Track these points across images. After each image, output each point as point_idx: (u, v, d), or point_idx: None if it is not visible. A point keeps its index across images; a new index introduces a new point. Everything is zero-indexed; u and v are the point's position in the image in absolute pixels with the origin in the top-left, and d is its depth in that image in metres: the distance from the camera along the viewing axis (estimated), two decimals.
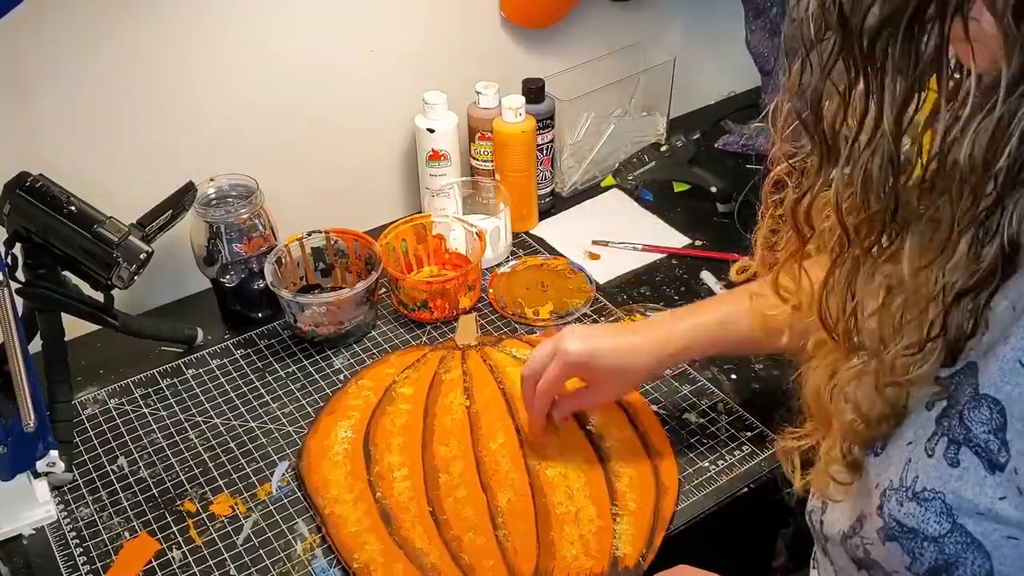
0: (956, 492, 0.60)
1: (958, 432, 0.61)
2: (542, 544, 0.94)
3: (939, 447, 0.62)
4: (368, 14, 1.27)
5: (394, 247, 1.25)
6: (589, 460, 1.02)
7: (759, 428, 1.06)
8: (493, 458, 1.02)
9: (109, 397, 1.14)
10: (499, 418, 1.07)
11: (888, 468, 0.66)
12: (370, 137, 1.36)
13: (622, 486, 0.99)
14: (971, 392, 0.60)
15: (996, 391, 0.59)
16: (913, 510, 0.62)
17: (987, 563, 0.59)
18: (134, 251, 1.01)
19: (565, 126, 1.43)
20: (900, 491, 0.63)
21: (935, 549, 0.61)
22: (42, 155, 1.10)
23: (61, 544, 0.97)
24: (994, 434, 0.58)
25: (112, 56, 1.12)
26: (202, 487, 1.02)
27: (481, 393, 1.10)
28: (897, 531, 0.63)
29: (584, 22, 1.46)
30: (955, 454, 0.61)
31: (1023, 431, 0.57)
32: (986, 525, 0.59)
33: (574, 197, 1.46)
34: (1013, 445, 0.57)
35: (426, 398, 1.09)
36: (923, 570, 0.62)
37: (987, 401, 0.59)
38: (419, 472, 1.01)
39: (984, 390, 0.60)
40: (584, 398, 1.02)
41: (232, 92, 1.22)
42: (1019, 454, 0.57)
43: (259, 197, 1.17)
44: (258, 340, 1.21)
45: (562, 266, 1.31)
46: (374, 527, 0.95)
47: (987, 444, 0.59)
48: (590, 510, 0.97)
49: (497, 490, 0.99)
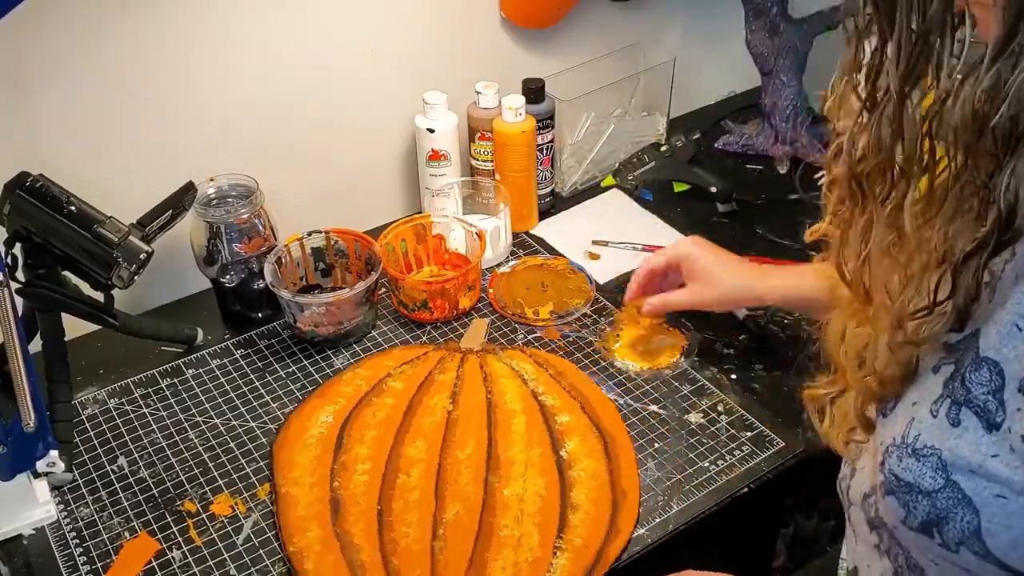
0: (952, 449, 0.63)
1: (960, 393, 0.63)
2: (474, 563, 0.92)
3: (943, 408, 0.65)
4: (368, 14, 1.27)
5: (394, 247, 1.25)
6: (550, 487, 0.99)
7: (759, 428, 1.06)
8: (456, 467, 1.01)
9: (109, 397, 1.14)
10: (476, 428, 1.06)
11: (893, 427, 0.69)
12: (370, 137, 1.36)
13: (575, 520, 0.96)
14: (973, 356, 0.63)
15: (995, 353, 0.62)
16: (911, 465, 0.65)
17: (975, 519, 0.62)
18: (134, 251, 1.01)
19: (565, 126, 1.43)
20: (901, 447, 0.66)
21: (928, 503, 0.64)
22: (42, 155, 1.10)
23: (61, 544, 0.97)
24: (993, 395, 0.61)
25: (112, 56, 1.12)
26: (202, 487, 1.02)
27: (467, 399, 1.09)
28: (895, 485, 0.66)
29: (584, 22, 1.46)
30: (956, 414, 0.63)
31: (1016, 391, 0.60)
32: (977, 482, 0.61)
33: (574, 197, 1.46)
34: (1008, 405, 0.60)
35: (413, 396, 1.09)
36: (916, 523, 0.65)
37: (987, 363, 0.62)
38: (380, 469, 1.01)
39: (984, 353, 0.63)
40: (673, 294, 1.12)
41: (232, 92, 1.22)
42: (1013, 413, 0.60)
43: (259, 197, 1.17)
44: (258, 340, 1.21)
45: (562, 266, 1.31)
46: (320, 515, 0.96)
47: (986, 404, 0.61)
48: (533, 538, 0.94)
49: (448, 501, 0.98)
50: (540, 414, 1.07)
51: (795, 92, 1.47)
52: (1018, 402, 0.60)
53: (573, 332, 1.20)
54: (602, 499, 0.98)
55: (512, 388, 1.11)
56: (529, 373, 1.13)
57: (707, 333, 1.19)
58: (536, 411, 1.08)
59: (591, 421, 1.06)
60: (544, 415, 1.07)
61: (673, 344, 1.17)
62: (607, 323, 1.21)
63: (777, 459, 1.03)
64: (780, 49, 1.44)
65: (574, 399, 1.09)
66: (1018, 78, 0.53)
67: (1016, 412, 0.60)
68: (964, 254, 0.61)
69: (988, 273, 0.63)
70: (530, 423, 1.06)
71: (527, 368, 1.14)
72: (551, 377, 1.12)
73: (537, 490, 0.99)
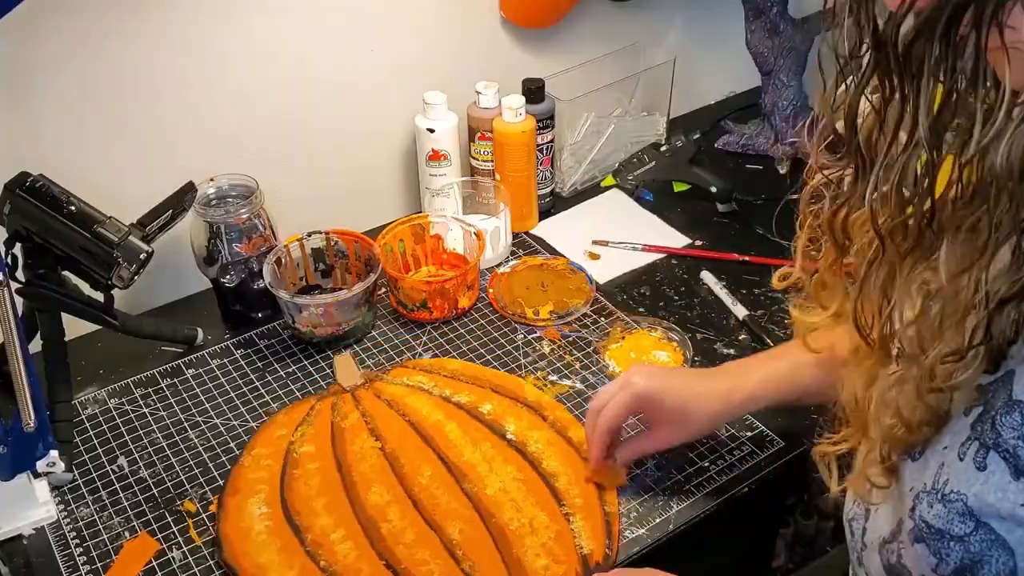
0: (978, 495, 0.61)
1: (989, 437, 0.61)
2: (510, 565, 0.92)
3: (970, 451, 0.63)
4: (368, 14, 1.27)
5: (392, 248, 1.25)
6: (522, 469, 1.00)
7: (759, 428, 1.06)
8: (427, 492, 0.98)
9: (109, 397, 1.14)
10: (418, 451, 1.03)
11: (924, 472, 0.67)
12: (370, 137, 1.36)
13: (562, 485, 0.99)
14: (1005, 398, 0.61)
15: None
16: (940, 511, 0.63)
17: (1011, 560, 0.60)
18: (134, 251, 1.01)
19: (565, 126, 1.43)
20: (931, 493, 0.64)
21: (961, 548, 0.62)
22: (42, 155, 1.10)
23: (61, 544, 0.97)
24: (1022, 439, 0.59)
25: (112, 56, 1.12)
26: (202, 487, 1.02)
27: (389, 431, 1.05)
28: (925, 532, 0.64)
29: (584, 22, 1.46)
30: (984, 458, 0.61)
31: None
32: (1009, 525, 0.60)
33: (574, 197, 1.46)
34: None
35: (332, 451, 1.03)
36: (949, 571, 0.63)
37: (1020, 407, 0.60)
38: (356, 528, 0.95)
39: (1017, 396, 0.60)
40: (646, 440, 0.98)
41: (233, 92, 1.22)
42: None
43: (259, 197, 1.17)
44: (258, 340, 1.21)
45: (562, 266, 1.31)
46: None
47: (1015, 450, 0.59)
48: (542, 517, 0.95)
49: (445, 523, 0.95)
50: (464, 413, 1.07)
51: (795, 92, 1.47)
52: None
53: (573, 332, 1.20)
54: (570, 458, 1.02)
55: (422, 402, 1.09)
56: (426, 383, 1.12)
57: (707, 333, 1.19)
58: (459, 412, 1.07)
59: (511, 399, 1.09)
60: (468, 413, 1.07)
61: (671, 358, 1.16)
62: (607, 324, 1.21)
63: (777, 459, 1.03)
64: (780, 49, 1.44)
65: (483, 388, 1.10)
66: None
67: None
68: (1001, 298, 0.59)
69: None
70: (461, 425, 1.06)
71: (421, 379, 1.12)
72: (447, 378, 1.12)
73: (513, 477, 1.00)
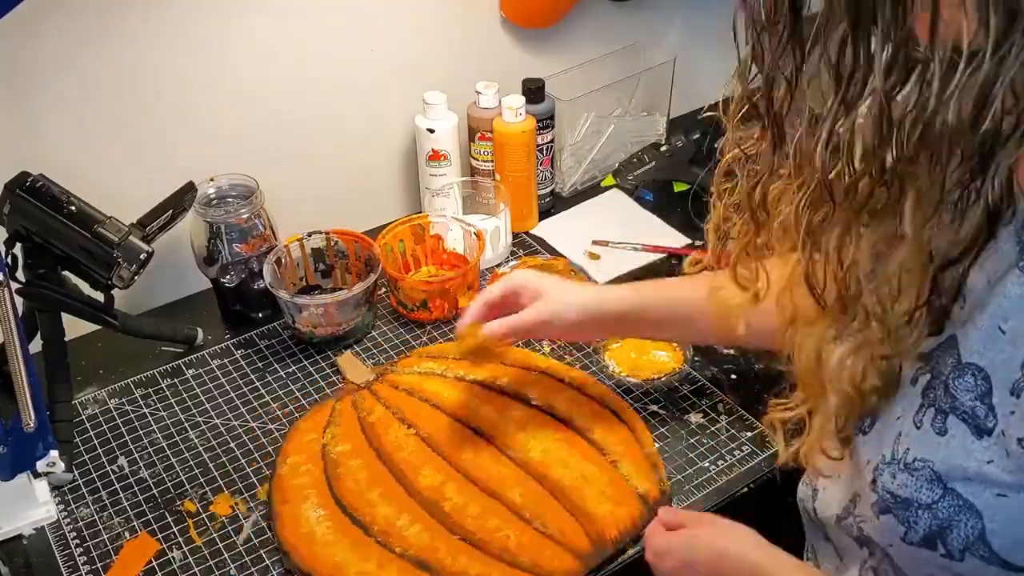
0: (944, 460, 0.62)
1: (944, 401, 0.62)
2: (577, 516, 0.95)
3: (927, 418, 0.63)
4: (368, 14, 1.27)
5: (392, 248, 1.25)
6: (558, 429, 1.04)
7: (759, 428, 1.06)
8: (476, 466, 1.00)
9: (109, 397, 1.14)
10: (453, 430, 1.04)
11: (880, 444, 0.67)
12: (370, 137, 1.36)
13: (598, 437, 1.02)
14: (953, 362, 0.62)
15: (979, 358, 0.60)
16: (905, 480, 0.64)
17: (979, 523, 0.61)
18: (134, 251, 1.01)
19: (565, 126, 1.43)
20: (892, 464, 0.65)
21: (929, 516, 0.63)
22: (42, 155, 1.10)
23: (61, 544, 0.97)
24: (980, 400, 0.60)
25: (112, 56, 1.12)
26: (202, 487, 1.02)
27: (418, 417, 1.06)
28: (891, 503, 0.65)
29: (584, 22, 1.46)
30: (943, 423, 0.62)
31: (1007, 395, 0.58)
32: (975, 487, 0.60)
33: (574, 197, 1.46)
34: (999, 409, 0.59)
35: (368, 445, 1.04)
36: (918, 538, 0.64)
37: (971, 368, 0.61)
38: (420, 511, 0.96)
39: (967, 358, 0.61)
40: (515, 318, 0.98)
41: (233, 92, 1.22)
42: (1006, 417, 0.59)
43: (259, 197, 1.17)
44: (258, 340, 1.21)
45: (562, 266, 1.30)
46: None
47: (974, 410, 0.60)
48: (591, 469, 0.99)
49: (503, 491, 0.98)
50: (485, 389, 1.09)
51: None
52: (1010, 405, 0.59)
53: None
54: (597, 412, 1.05)
55: (440, 385, 1.10)
56: (436, 368, 1.13)
57: None
58: (479, 389, 1.10)
59: (524, 369, 1.11)
60: (488, 388, 1.09)
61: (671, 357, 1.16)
62: None
63: (777, 459, 1.03)
64: None
65: (492, 364, 1.12)
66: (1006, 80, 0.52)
67: (1010, 415, 0.59)
68: (948, 258, 0.60)
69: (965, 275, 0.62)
70: (486, 400, 1.08)
71: (431, 365, 1.14)
72: (456, 360, 1.13)
73: (552, 438, 1.02)
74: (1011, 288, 0.59)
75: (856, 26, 0.54)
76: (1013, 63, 0.51)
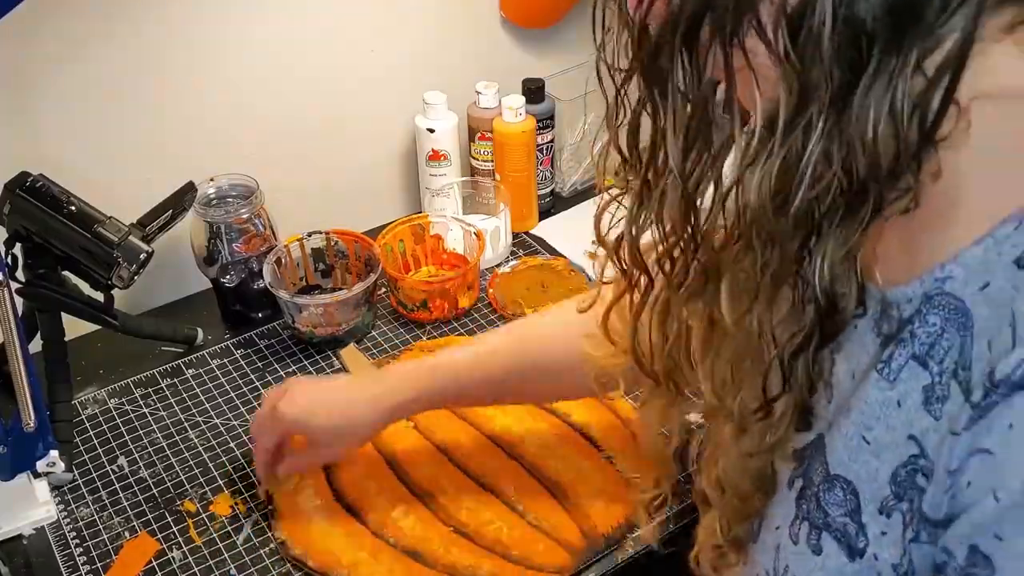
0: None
1: (816, 516, 0.56)
2: (570, 511, 0.95)
3: (802, 532, 0.58)
4: (368, 14, 1.27)
5: (392, 248, 1.25)
6: (554, 425, 1.04)
7: None
8: (472, 460, 1.01)
9: (109, 397, 1.14)
10: (451, 424, 1.05)
11: (764, 556, 0.61)
12: (370, 137, 1.36)
13: (596, 433, 1.03)
14: (823, 472, 0.56)
15: (845, 470, 0.54)
16: None
17: None
18: (134, 251, 1.01)
19: (565, 126, 1.43)
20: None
21: None
22: (42, 155, 1.10)
23: (61, 544, 0.97)
24: (850, 517, 0.54)
25: (112, 56, 1.12)
26: (202, 487, 1.02)
27: None
28: None
29: (584, 22, 1.45)
30: (817, 540, 0.56)
31: (876, 513, 0.52)
32: None
33: (574, 197, 1.46)
34: (870, 529, 0.53)
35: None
36: None
37: (839, 482, 0.55)
38: (415, 503, 0.97)
39: (834, 470, 0.55)
40: (308, 458, 0.95)
41: (233, 92, 1.22)
42: (877, 538, 0.52)
43: (259, 197, 1.17)
44: (258, 340, 1.21)
45: (562, 266, 1.30)
46: (410, 570, 0.91)
47: (845, 527, 0.54)
48: (587, 464, 1.00)
49: (498, 484, 0.98)
50: None
51: None
52: (881, 525, 0.52)
53: None
54: (594, 407, 1.05)
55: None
56: None
57: None
58: None
59: None
60: None
61: None
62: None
63: None
64: None
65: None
66: (813, 154, 0.46)
67: (881, 536, 0.52)
68: (790, 351, 0.54)
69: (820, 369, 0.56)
70: None
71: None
72: None
73: (550, 433, 1.03)
74: (872, 393, 0.53)
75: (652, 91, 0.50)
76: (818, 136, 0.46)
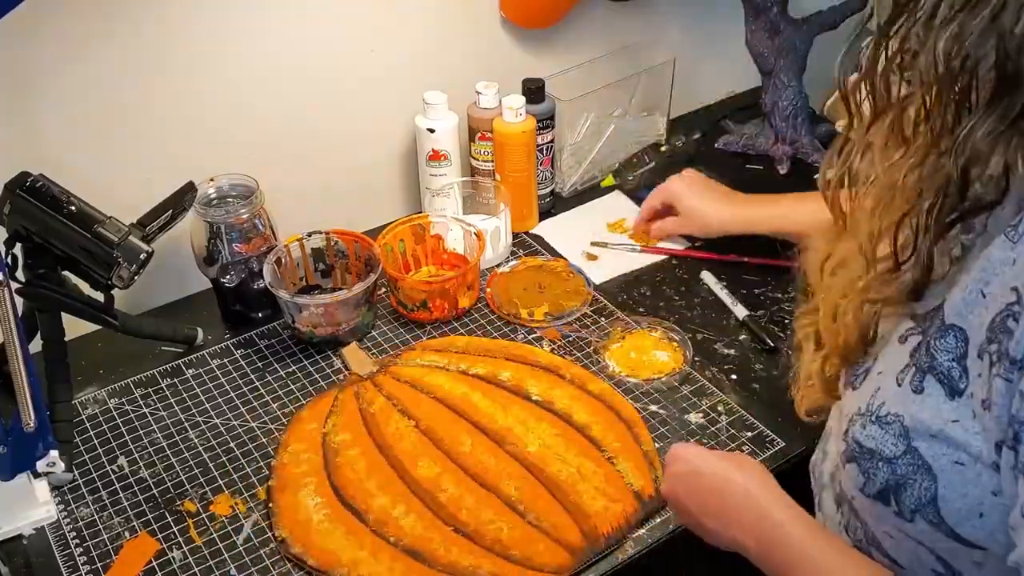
0: (914, 415, 0.63)
1: (924, 361, 0.64)
2: (570, 510, 0.96)
3: (907, 377, 0.65)
4: (368, 14, 1.27)
5: (392, 248, 1.25)
6: (555, 424, 1.05)
7: (759, 428, 1.06)
8: (473, 459, 1.01)
9: (109, 397, 1.14)
10: (453, 423, 1.05)
11: (860, 398, 0.70)
12: (370, 137, 1.36)
13: (597, 433, 1.03)
14: (939, 323, 0.64)
15: (960, 320, 0.62)
16: (874, 432, 0.66)
17: (933, 485, 0.62)
18: (134, 251, 1.01)
19: (565, 126, 1.43)
20: (865, 415, 0.67)
21: (888, 470, 0.64)
22: (42, 155, 1.10)
23: (61, 544, 0.97)
24: (957, 361, 0.61)
25: (112, 56, 1.12)
26: (202, 487, 1.02)
27: (419, 409, 1.07)
28: (857, 452, 0.67)
29: (584, 22, 1.46)
30: (920, 382, 0.64)
31: (979, 357, 0.60)
32: (936, 448, 0.62)
33: (574, 197, 1.46)
34: (971, 371, 0.60)
35: (369, 435, 1.05)
36: (874, 490, 0.66)
37: (953, 330, 0.63)
38: (415, 502, 0.97)
39: (949, 320, 0.63)
40: (672, 223, 1.30)
41: (232, 92, 1.22)
42: (975, 379, 0.60)
43: (259, 197, 1.17)
44: (258, 340, 1.21)
45: (561, 268, 1.30)
46: (410, 569, 0.91)
47: (950, 371, 0.62)
48: (587, 464, 1.00)
49: (499, 484, 0.98)
50: (486, 383, 1.10)
51: (795, 92, 1.47)
52: (979, 367, 0.60)
53: (573, 332, 1.20)
54: (596, 407, 1.07)
55: (442, 379, 1.11)
56: (440, 361, 1.14)
57: (707, 333, 1.19)
58: (480, 383, 1.10)
59: (526, 364, 1.13)
60: (490, 382, 1.10)
61: (671, 357, 1.16)
62: (607, 324, 1.21)
63: (777, 459, 1.03)
64: (780, 49, 1.44)
65: (496, 358, 1.13)
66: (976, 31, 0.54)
67: (978, 378, 0.60)
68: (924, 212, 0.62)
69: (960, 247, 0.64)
70: (487, 394, 1.09)
71: (434, 358, 1.14)
72: (459, 354, 1.14)
73: (549, 433, 1.04)
74: (995, 253, 0.61)
75: None
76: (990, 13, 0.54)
